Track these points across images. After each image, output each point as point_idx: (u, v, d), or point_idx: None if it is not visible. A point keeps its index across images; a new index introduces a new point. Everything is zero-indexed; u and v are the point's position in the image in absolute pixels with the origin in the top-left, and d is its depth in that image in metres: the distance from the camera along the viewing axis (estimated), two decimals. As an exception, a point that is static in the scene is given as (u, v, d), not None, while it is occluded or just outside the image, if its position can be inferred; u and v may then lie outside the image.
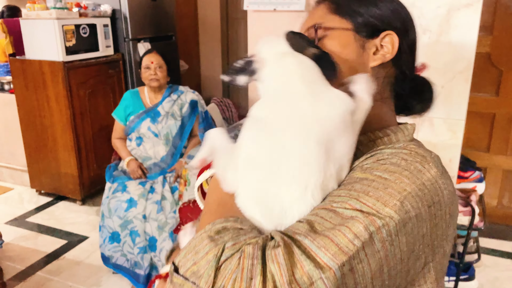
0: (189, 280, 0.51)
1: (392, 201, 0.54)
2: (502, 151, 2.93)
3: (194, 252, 0.53)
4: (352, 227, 0.51)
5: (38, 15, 3.12)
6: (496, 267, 2.60)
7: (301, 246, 0.50)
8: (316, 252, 0.49)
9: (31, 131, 3.47)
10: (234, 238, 0.53)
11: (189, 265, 0.53)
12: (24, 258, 2.75)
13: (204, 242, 0.53)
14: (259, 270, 0.48)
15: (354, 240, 0.50)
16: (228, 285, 0.48)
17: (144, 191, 2.44)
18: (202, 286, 0.49)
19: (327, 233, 0.51)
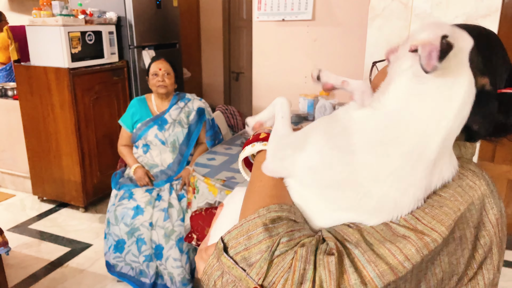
0: (239, 265, 0.51)
1: (448, 221, 0.53)
2: (507, 161, 2.94)
3: (246, 237, 0.53)
4: (403, 249, 0.50)
5: (44, 21, 3.12)
6: (502, 277, 2.59)
7: (351, 256, 0.50)
8: (365, 266, 0.49)
9: (35, 137, 3.45)
10: (289, 234, 0.52)
11: (240, 249, 0.52)
12: (27, 266, 2.73)
13: (258, 229, 0.52)
14: (309, 275, 0.48)
15: (404, 262, 0.49)
16: (278, 284, 0.48)
17: (150, 198, 2.43)
18: (252, 276, 0.49)
19: (378, 249, 0.50)
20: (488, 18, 1.22)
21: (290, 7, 2.41)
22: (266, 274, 0.49)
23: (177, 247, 2.34)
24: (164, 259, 2.34)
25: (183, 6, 4.54)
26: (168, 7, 3.97)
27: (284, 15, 2.40)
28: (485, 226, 0.57)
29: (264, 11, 2.41)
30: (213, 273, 0.54)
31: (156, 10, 3.81)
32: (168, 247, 2.33)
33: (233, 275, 0.51)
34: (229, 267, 0.52)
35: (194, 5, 5.10)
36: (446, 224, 0.52)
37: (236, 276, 0.51)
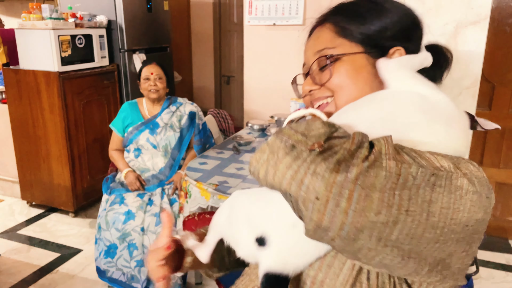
0: (300, 134, 0.55)
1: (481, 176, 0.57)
2: (495, 164, 2.99)
3: (307, 125, 0.56)
4: (441, 160, 0.54)
5: (34, 25, 3.10)
6: (491, 279, 2.63)
7: (403, 149, 0.53)
8: (414, 156, 0.53)
9: (24, 141, 3.42)
10: (344, 130, 0.56)
11: (301, 129, 0.56)
12: (16, 272, 2.69)
13: (318, 123, 0.56)
14: (366, 144, 0.52)
15: (441, 167, 0.53)
16: (337, 146, 0.52)
17: (142, 203, 2.42)
18: (311, 140, 0.53)
19: (422, 154, 0.54)
20: (478, 25, 1.24)
21: (281, 12, 2.42)
22: (325, 140, 0.53)
23: (169, 252, 2.32)
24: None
25: (174, 10, 4.53)
26: (159, 11, 3.96)
27: (275, 20, 2.41)
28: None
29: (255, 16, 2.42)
30: (267, 149, 0.57)
31: (147, 13, 3.80)
32: (160, 252, 2.32)
33: (293, 140, 0.54)
34: (289, 135, 0.55)
35: (185, 9, 5.10)
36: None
37: (296, 140, 0.54)
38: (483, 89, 2.85)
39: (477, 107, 2.89)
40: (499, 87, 2.85)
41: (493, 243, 2.99)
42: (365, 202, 0.48)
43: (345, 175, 0.49)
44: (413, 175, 0.50)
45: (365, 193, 0.49)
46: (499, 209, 3.06)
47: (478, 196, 0.54)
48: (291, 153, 0.53)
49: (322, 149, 0.52)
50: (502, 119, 2.89)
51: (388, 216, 0.49)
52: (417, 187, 0.50)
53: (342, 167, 0.50)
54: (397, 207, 0.49)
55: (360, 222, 0.49)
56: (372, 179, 0.49)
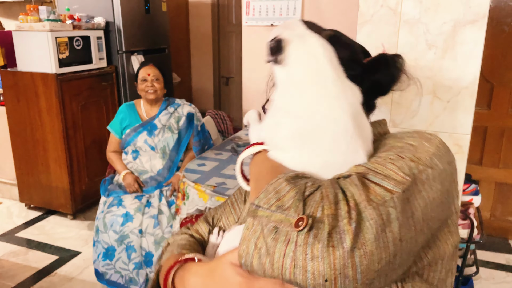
0: (277, 211, 0.55)
1: (425, 157, 0.60)
2: (495, 164, 2.98)
3: (274, 192, 0.58)
4: (402, 167, 0.57)
5: (31, 27, 3.09)
6: (492, 279, 2.62)
7: (368, 178, 0.56)
8: (381, 183, 0.55)
9: (22, 144, 3.41)
10: (311, 180, 0.58)
11: (272, 201, 0.56)
12: (14, 275, 2.68)
13: (283, 184, 0.58)
14: (341, 195, 0.54)
15: (406, 177, 0.56)
16: (317, 211, 0.52)
17: (140, 205, 2.41)
18: (291, 215, 0.53)
19: (384, 172, 0.57)
20: (476, 24, 1.23)
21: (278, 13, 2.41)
22: (304, 209, 0.53)
23: (168, 254, 2.31)
24: (154, 267, 2.32)
25: (172, 11, 4.53)
26: (157, 12, 3.95)
27: (272, 20, 2.40)
28: (454, 163, 0.67)
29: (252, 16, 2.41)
30: (251, 236, 0.56)
31: (145, 15, 3.79)
32: (158, 254, 2.31)
33: (272, 221, 0.54)
34: (267, 217, 0.55)
35: (183, 10, 5.09)
36: (423, 159, 0.60)
37: (276, 220, 0.54)
38: (482, 88, 2.84)
39: (476, 107, 2.88)
40: (498, 87, 2.85)
41: (493, 243, 2.98)
42: (366, 260, 0.50)
43: (341, 248, 0.50)
44: (392, 205, 0.53)
45: (363, 251, 0.50)
46: (499, 209, 3.05)
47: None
48: (279, 238, 0.53)
49: (308, 226, 0.52)
50: (500, 119, 2.88)
51: (388, 255, 0.52)
52: (400, 211, 0.53)
53: (335, 239, 0.51)
54: (392, 243, 0.52)
55: (368, 277, 0.51)
56: (363, 236, 0.51)
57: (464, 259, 2.04)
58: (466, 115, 1.30)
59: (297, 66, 0.68)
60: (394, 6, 1.32)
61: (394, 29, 1.34)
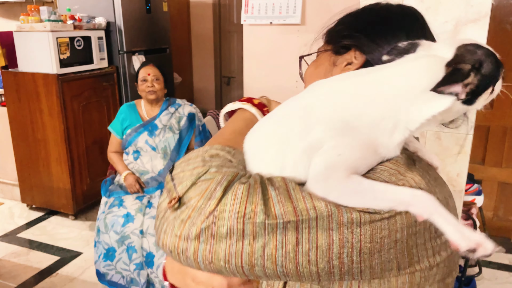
0: (173, 181, 0.60)
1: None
2: (497, 163, 2.96)
3: (186, 163, 0.62)
4: (315, 201, 0.54)
5: (32, 27, 3.09)
6: (494, 280, 2.60)
7: (266, 193, 0.55)
8: (274, 204, 0.54)
9: (23, 144, 3.41)
10: (219, 167, 0.60)
11: (178, 170, 0.62)
12: (16, 275, 2.68)
13: (197, 159, 0.62)
14: (218, 195, 0.55)
15: (310, 210, 0.54)
16: (194, 198, 0.57)
17: (141, 205, 2.40)
18: (177, 190, 0.59)
19: (294, 194, 0.55)
20: (478, 22, 1.22)
21: (278, 11, 2.39)
22: (187, 190, 0.58)
23: (169, 254, 2.31)
24: (155, 267, 2.31)
25: (173, 11, 4.52)
26: (158, 12, 3.95)
27: (272, 19, 2.39)
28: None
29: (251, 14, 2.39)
30: (159, 206, 0.63)
31: (146, 15, 3.79)
32: (159, 254, 2.30)
33: (167, 188, 0.61)
34: (167, 182, 0.62)
35: (185, 10, 5.08)
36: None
37: (168, 188, 0.60)
38: (484, 88, 2.83)
39: (479, 106, 2.87)
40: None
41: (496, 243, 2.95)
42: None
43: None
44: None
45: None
46: (501, 209, 3.03)
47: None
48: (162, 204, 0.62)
49: (175, 206, 0.58)
50: (503, 118, 2.86)
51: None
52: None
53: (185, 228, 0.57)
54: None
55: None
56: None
57: (466, 260, 2.02)
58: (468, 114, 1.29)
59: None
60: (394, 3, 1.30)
61: (395, 28, 1.32)
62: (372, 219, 0.54)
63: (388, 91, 0.58)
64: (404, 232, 0.56)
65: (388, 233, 0.55)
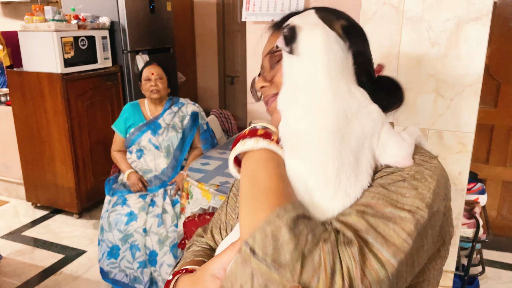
0: (272, 267, 0.52)
1: (426, 199, 0.60)
2: (501, 163, 2.94)
3: (272, 238, 0.53)
4: (404, 226, 0.56)
5: (37, 27, 3.10)
6: (498, 279, 2.59)
7: (367, 243, 0.55)
8: (380, 249, 0.54)
9: (28, 143, 3.43)
10: (312, 231, 0.54)
11: (269, 250, 0.52)
12: (21, 273, 2.70)
13: (282, 231, 0.53)
14: (338, 267, 0.52)
15: (407, 239, 0.56)
16: (312, 280, 0.51)
17: (144, 204, 2.41)
18: (288, 277, 0.51)
19: (385, 231, 0.56)
20: (480, 21, 1.22)
21: (280, 8, 2.39)
22: (300, 273, 0.51)
23: (172, 253, 2.32)
24: (159, 265, 2.32)
25: (177, 10, 4.53)
26: (162, 11, 3.96)
27: (273, 16, 2.38)
28: (448, 197, 0.67)
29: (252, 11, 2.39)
30: (239, 277, 0.53)
31: (150, 14, 3.80)
32: (163, 253, 2.32)
33: (265, 277, 0.51)
34: (260, 270, 0.52)
35: (188, 9, 5.09)
36: (425, 202, 0.60)
37: (269, 278, 0.51)
38: (488, 86, 2.82)
39: (482, 105, 2.86)
40: (505, 85, 2.81)
41: (500, 242, 2.94)
42: None
43: None
44: (385, 285, 0.54)
45: None
46: (505, 208, 3.02)
47: None
48: None
49: None
50: (507, 117, 2.85)
51: None
52: (392, 284, 0.55)
53: None
54: None
55: None
56: None
57: (469, 259, 2.02)
58: (470, 113, 1.29)
59: (302, 61, 0.65)
60: (396, 3, 1.30)
61: (396, 26, 1.32)
62: (430, 216, 0.61)
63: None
64: (441, 217, 0.66)
65: (436, 224, 0.64)
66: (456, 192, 1.37)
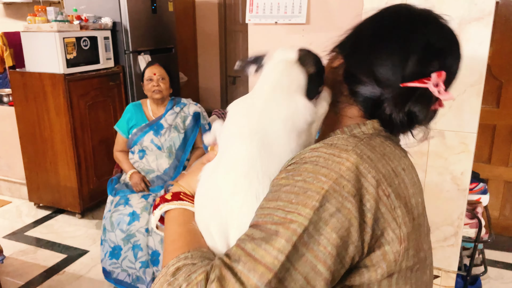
0: None
1: (311, 203, 0.58)
2: (503, 163, 2.94)
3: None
4: (275, 244, 0.56)
5: (39, 27, 3.11)
6: (501, 279, 2.59)
7: (236, 273, 0.56)
8: (248, 275, 0.55)
9: (31, 143, 3.44)
10: (187, 279, 0.59)
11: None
12: (23, 273, 2.71)
13: (164, 286, 0.60)
14: None
15: (278, 256, 0.55)
16: None
17: (146, 204, 2.42)
18: None
19: (257, 253, 0.56)
20: (482, 21, 1.22)
21: (283, 10, 2.40)
22: None
23: (174, 253, 2.32)
24: (161, 265, 2.33)
25: (179, 11, 4.54)
26: (164, 12, 3.97)
27: (277, 18, 2.39)
28: (367, 190, 0.61)
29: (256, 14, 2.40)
30: None
31: (152, 15, 3.81)
32: (165, 253, 2.32)
33: None
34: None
35: (190, 10, 5.10)
36: (310, 206, 0.57)
37: None
38: (490, 86, 2.81)
39: (485, 105, 2.86)
40: (507, 84, 2.81)
41: (502, 242, 2.94)
42: None
43: None
44: None
45: None
46: (508, 208, 3.02)
47: None
48: None
49: None
50: (510, 117, 2.85)
51: None
52: None
53: None
54: None
55: None
56: None
57: (472, 259, 2.02)
58: (472, 113, 1.29)
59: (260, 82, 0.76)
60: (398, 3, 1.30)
61: (399, 27, 1.32)
62: (325, 219, 0.59)
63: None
64: (358, 214, 0.64)
65: (347, 222, 0.61)
66: (459, 192, 1.37)
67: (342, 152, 0.63)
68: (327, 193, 0.58)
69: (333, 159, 0.62)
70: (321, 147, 0.65)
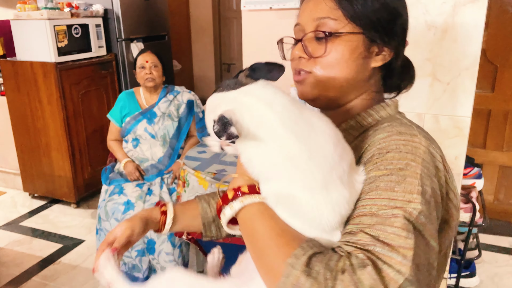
0: None
1: (416, 188, 0.60)
2: (498, 147, 2.95)
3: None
4: (397, 225, 0.57)
5: (29, 15, 3.06)
6: (495, 263, 2.61)
7: (379, 257, 0.56)
8: (390, 259, 0.55)
9: (23, 133, 3.41)
10: (327, 268, 0.55)
11: None
12: (19, 263, 2.70)
13: (301, 280, 0.55)
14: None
15: (408, 235, 0.57)
16: None
17: (141, 193, 2.41)
18: None
19: (386, 238, 0.57)
20: (477, 3, 1.20)
21: (279, -4, 2.36)
22: None
23: (169, 241, 2.32)
24: (157, 254, 2.33)
25: (171, -3, 4.48)
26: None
27: (271, 3, 2.36)
28: (438, 168, 0.66)
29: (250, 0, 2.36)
30: None
31: (144, 1, 3.75)
32: (160, 241, 2.32)
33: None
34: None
35: (183, -4, 5.04)
36: (415, 191, 0.60)
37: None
38: (485, 71, 2.80)
39: (480, 90, 2.85)
40: (502, 69, 2.80)
41: (496, 226, 2.96)
42: None
43: None
44: (408, 285, 0.55)
45: None
46: (502, 193, 3.03)
47: None
48: None
49: None
50: (505, 102, 2.84)
51: None
52: (415, 280, 0.57)
53: None
54: None
55: None
56: None
57: (466, 243, 2.03)
58: (466, 97, 1.28)
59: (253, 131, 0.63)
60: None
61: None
62: (428, 200, 0.62)
63: None
64: (439, 190, 0.68)
65: (437, 200, 0.66)
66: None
67: (414, 137, 0.66)
68: (421, 176, 0.61)
69: (411, 145, 0.65)
70: (389, 136, 0.67)
